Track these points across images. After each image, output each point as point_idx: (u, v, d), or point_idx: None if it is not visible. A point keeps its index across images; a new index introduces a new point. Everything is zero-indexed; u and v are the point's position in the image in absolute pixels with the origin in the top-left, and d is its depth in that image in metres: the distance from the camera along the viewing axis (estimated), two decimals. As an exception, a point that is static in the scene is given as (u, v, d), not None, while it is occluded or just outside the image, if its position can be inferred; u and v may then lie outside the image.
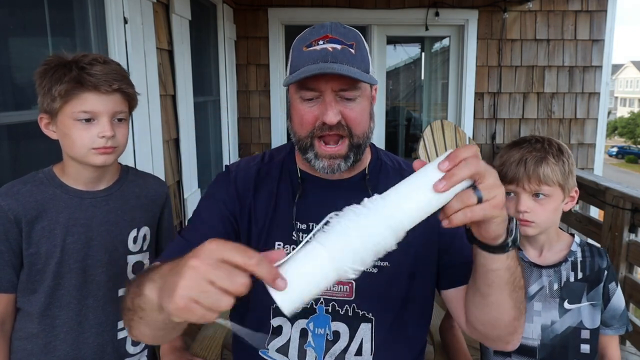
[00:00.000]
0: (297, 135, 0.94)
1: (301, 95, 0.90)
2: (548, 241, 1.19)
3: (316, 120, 0.89)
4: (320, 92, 0.88)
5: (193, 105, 2.78)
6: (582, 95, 4.15)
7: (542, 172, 1.10)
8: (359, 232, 0.62)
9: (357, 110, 0.91)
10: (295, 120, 0.93)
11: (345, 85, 0.87)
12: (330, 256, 0.60)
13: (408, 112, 4.94)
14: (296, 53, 0.91)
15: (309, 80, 0.87)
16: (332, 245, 0.61)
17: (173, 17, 2.47)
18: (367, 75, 0.89)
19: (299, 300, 0.59)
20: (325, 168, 0.92)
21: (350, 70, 0.85)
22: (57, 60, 1.04)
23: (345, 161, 0.92)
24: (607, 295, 1.17)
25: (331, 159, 0.92)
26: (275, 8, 3.99)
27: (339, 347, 0.94)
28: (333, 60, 0.86)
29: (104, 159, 1.06)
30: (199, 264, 0.55)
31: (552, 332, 1.14)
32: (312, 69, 0.85)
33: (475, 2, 4.02)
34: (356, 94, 0.89)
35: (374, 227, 0.63)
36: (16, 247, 1.05)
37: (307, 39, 0.91)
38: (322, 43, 0.88)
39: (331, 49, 0.87)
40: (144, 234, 1.20)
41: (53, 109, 1.03)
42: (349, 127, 0.90)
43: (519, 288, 0.84)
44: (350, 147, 0.92)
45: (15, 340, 1.09)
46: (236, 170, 1.05)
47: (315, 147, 0.92)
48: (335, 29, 0.91)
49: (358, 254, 0.62)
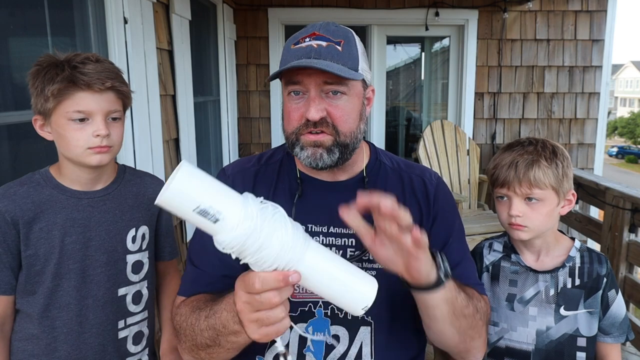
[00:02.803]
0: (286, 132, 0.94)
1: (288, 91, 0.91)
2: (545, 245, 1.17)
3: (302, 117, 0.90)
4: (306, 88, 0.88)
5: (193, 105, 2.78)
6: (582, 95, 4.15)
7: (533, 175, 1.08)
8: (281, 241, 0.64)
9: (343, 107, 0.90)
10: (284, 118, 0.95)
11: (330, 79, 0.87)
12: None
13: (408, 112, 4.94)
14: (285, 51, 0.92)
15: (293, 75, 0.88)
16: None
17: (173, 17, 2.47)
18: (347, 70, 0.87)
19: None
20: (309, 157, 0.91)
21: (330, 65, 0.85)
22: (49, 60, 1.03)
23: (329, 154, 0.91)
24: (605, 302, 1.14)
25: (315, 147, 0.91)
26: (275, 8, 3.99)
27: (338, 351, 0.94)
28: (316, 56, 0.86)
29: (99, 158, 1.05)
30: (245, 309, 0.70)
31: (547, 338, 1.13)
32: (293, 64, 0.85)
33: (475, 2, 4.02)
34: (342, 89, 0.89)
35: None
36: (14, 249, 1.04)
37: (296, 37, 0.92)
38: (309, 40, 0.89)
39: (316, 45, 0.88)
40: (143, 233, 1.20)
41: (47, 110, 1.02)
42: (334, 124, 0.90)
43: (462, 316, 0.87)
44: (334, 142, 0.91)
45: (15, 341, 1.09)
46: (233, 173, 1.04)
47: (300, 140, 0.91)
48: (325, 27, 0.91)
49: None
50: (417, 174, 1.05)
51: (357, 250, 0.96)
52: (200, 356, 0.88)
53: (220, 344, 0.81)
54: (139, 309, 1.20)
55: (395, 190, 1.01)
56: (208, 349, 0.84)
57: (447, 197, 1.05)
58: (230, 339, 0.79)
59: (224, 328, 0.78)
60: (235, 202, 0.63)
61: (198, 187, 0.60)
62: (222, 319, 0.78)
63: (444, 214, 1.01)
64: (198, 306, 0.88)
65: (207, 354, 0.86)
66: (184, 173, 0.59)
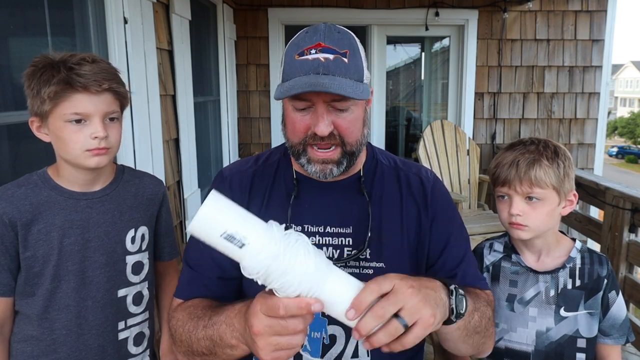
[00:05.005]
0: (290, 141, 0.94)
1: (294, 105, 0.89)
2: (546, 246, 1.17)
3: (308, 129, 0.89)
4: (312, 103, 0.87)
5: (193, 105, 2.78)
6: (582, 95, 4.15)
7: (534, 174, 1.08)
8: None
9: (350, 119, 0.90)
10: (288, 127, 0.94)
11: (337, 96, 0.86)
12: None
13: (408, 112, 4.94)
14: (288, 60, 0.90)
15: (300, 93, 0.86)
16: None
17: (173, 17, 2.47)
18: (360, 87, 0.87)
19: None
20: (317, 172, 0.93)
21: (342, 84, 0.84)
22: (44, 60, 1.01)
23: (338, 167, 0.92)
24: (606, 304, 1.14)
25: (324, 163, 0.92)
26: (275, 8, 3.99)
27: (335, 350, 0.94)
28: (325, 71, 0.84)
29: (98, 160, 1.05)
30: (265, 332, 0.68)
31: (547, 339, 1.12)
32: (303, 81, 0.83)
33: (475, 2, 4.02)
34: (348, 104, 0.88)
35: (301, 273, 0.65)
36: (12, 250, 1.04)
37: (300, 46, 0.89)
38: (315, 52, 0.86)
39: (323, 59, 0.85)
40: (142, 233, 1.19)
41: (43, 112, 1.01)
42: (341, 136, 0.90)
43: (474, 334, 0.88)
44: (342, 153, 0.92)
45: (14, 343, 1.09)
46: (230, 175, 1.04)
47: (307, 152, 0.92)
48: (329, 35, 0.88)
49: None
50: (414, 172, 1.05)
51: (354, 249, 0.96)
52: None
53: (216, 354, 0.84)
54: (140, 310, 1.19)
55: (391, 189, 1.02)
56: (204, 356, 0.86)
57: (445, 194, 1.06)
58: (227, 351, 0.81)
59: (221, 340, 0.81)
60: (259, 228, 0.65)
61: (225, 214, 0.64)
62: (219, 332, 0.81)
63: (443, 211, 1.02)
64: (196, 314, 0.90)
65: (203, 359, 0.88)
66: (212, 201, 0.64)
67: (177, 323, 0.92)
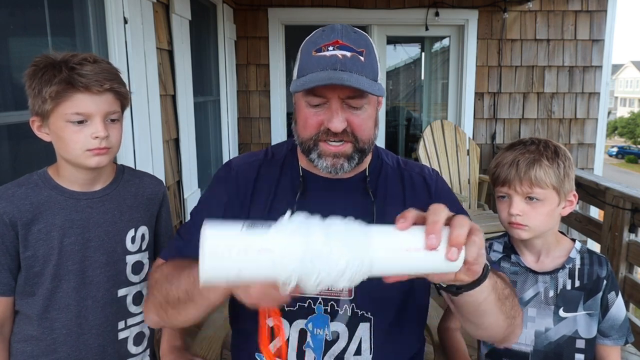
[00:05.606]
0: (301, 137, 0.95)
1: (308, 101, 0.90)
2: (546, 246, 1.17)
3: (321, 125, 0.90)
4: (327, 99, 0.88)
5: (193, 105, 2.78)
6: (582, 95, 4.15)
7: (534, 174, 1.08)
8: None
9: (363, 117, 0.91)
10: (299, 122, 0.94)
11: (353, 93, 0.87)
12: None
13: (408, 112, 4.94)
14: (305, 56, 0.91)
15: (317, 88, 0.86)
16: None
17: (173, 17, 2.47)
18: (376, 85, 0.89)
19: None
20: (328, 167, 0.93)
21: (360, 80, 0.85)
22: (46, 60, 1.01)
23: (349, 162, 0.93)
24: (605, 305, 1.14)
25: (335, 157, 0.92)
26: (275, 8, 3.99)
27: (338, 347, 0.94)
28: (342, 68, 0.86)
29: (98, 160, 1.05)
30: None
31: (546, 339, 1.12)
32: (321, 76, 0.84)
33: (475, 2, 4.02)
34: (363, 102, 0.90)
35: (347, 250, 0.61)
36: (13, 250, 1.04)
37: (317, 43, 0.90)
38: (332, 49, 0.87)
39: (341, 56, 0.87)
40: (142, 233, 1.20)
41: (44, 111, 1.01)
42: (354, 134, 0.91)
43: (505, 298, 0.84)
44: (354, 149, 0.93)
45: (14, 343, 1.09)
46: (237, 166, 1.05)
47: (319, 147, 0.92)
48: (346, 34, 0.90)
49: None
50: (417, 171, 1.06)
51: None
52: (167, 313, 0.86)
53: (193, 299, 0.80)
54: (140, 310, 1.19)
55: (396, 189, 1.02)
56: (178, 305, 0.83)
57: (448, 191, 1.07)
58: (205, 293, 0.77)
59: None
60: (264, 230, 0.62)
61: (225, 261, 0.59)
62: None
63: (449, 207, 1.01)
64: (181, 264, 0.87)
65: (175, 311, 0.84)
66: (209, 246, 0.59)
67: (160, 274, 0.91)
